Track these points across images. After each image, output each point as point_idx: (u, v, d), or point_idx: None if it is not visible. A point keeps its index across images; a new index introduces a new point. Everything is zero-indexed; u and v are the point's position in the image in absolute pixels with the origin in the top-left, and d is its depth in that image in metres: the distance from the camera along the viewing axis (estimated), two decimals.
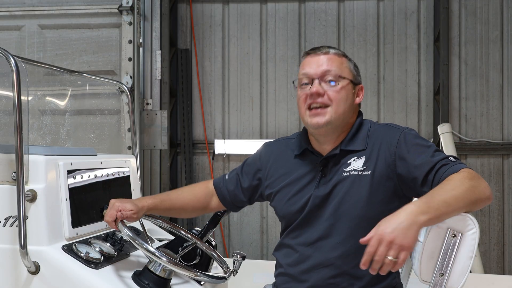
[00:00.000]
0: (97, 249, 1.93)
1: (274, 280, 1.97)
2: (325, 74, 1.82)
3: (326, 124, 1.81)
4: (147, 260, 1.90)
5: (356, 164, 1.80)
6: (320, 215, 1.82)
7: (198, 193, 2.11)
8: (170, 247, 2.13)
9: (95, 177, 2.17)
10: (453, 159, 1.71)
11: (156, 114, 4.94)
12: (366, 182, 1.77)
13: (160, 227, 2.49)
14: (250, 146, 5.15)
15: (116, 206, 1.86)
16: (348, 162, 1.81)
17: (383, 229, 1.47)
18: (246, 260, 2.05)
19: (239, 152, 5.23)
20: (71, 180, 1.99)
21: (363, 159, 1.80)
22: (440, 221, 1.57)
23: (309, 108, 1.83)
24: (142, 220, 2.05)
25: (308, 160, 1.91)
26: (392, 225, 1.47)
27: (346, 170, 1.80)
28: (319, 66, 1.83)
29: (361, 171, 1.78)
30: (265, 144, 2.10)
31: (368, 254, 1.47)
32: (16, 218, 1.78)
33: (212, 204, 2.13)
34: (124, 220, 1.86)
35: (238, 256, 2.00)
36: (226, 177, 2.12)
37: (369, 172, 1.77)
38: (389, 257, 1.45)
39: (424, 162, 1.70)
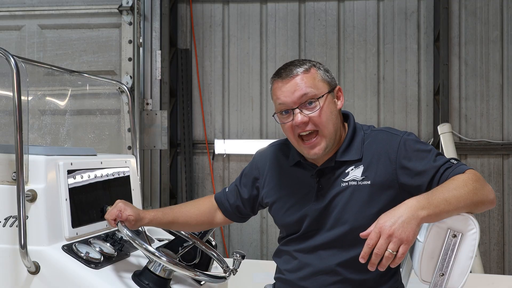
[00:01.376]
0: (97, 249, 1.93)
1: (274, 280, 1.97)
2: (302, 100, 1.74)
3: (323, 151, 1.77)
4: (147, 260, 1.90)
5: (355, 173, 1.77)
6: (321, 227, 1.80)
7: (202, 207, 2.07)
8: (170, 247, 2.13)
9: (95, 177, 2.16)
10: (455, 162, 1.70)
11: (156, 114, 4.94)
12: (366, 191, 1.74)
13: None
14: (250, 146, 5.15)
15: (119, 206, 1.87)
16: (346, 171, 1.78)
17: (382, 223, 1.49)
18: (246, 260, 2.04)
19: (239, 152, 5.23)
20: (71, 180, 1.99)
21: (361, 168, 1.77)
22: (440, 218, 1.56)
23: (300, 137, 1.77)
24: None
25: (303, 170, 1.87)
26: (391, 219, 1.49)
27: (344, 180, 1.77)
28: (293, 93, 1.73)
29: (360, 181, 1.75)
30: (259, 152, 2.05)
31: (368, 246, 1.48)
32: (16, 218, 1.78)
33: (217, 219, 2.09)
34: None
35: (238, 255, 2.00)
36: (227, 190, 2.09)
37: (369, 182, 1.74)
38: (389, 250, 1.45)
39: (427, 168, 1.69)
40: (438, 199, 1.54)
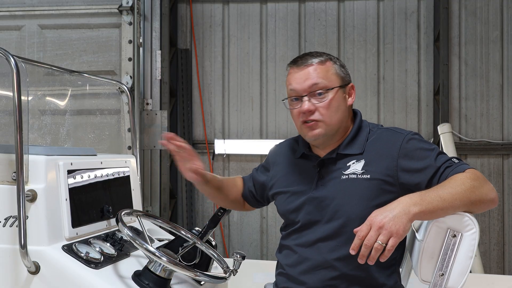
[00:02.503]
0: (97, 249, 1.93)
1: (275, 279, 1.98)
2: (312, 89, 1.81)
3: (321, 136, 1.83)
4: (147, 260, 1.90)
5: (356, 167, 1.80)
6: (320, 218, 1.82)
7: (240, 187, 2.19)
8: (170, 247, 2.13)
9: (95, 177, 2.17)
10: (456, 161, 1.71)
11: (156, 114, 4.94)
12: (365, 185, 1.77)
13: (160, 227, 2.49)
14: (250, 146, 5.16)
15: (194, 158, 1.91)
16: (348, 165, 1.82)
17: (374, 216, 1.53)
18: (246, 260, 2.05)
19: (239, 152, 5.22)
20: (71, 180, 1.99)
21: (362, 162, 1.80)
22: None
23: (304, 123, 1.85)
24: (142, 220, 2.05)
25: (307, 162, 1.93)
26: (383, 213, 1.52)
27: (345, 173, 1.81)
28: (305, 81, 1.81)
29: (360, 174, 1.78)
30: (275, 145, 2.15)
31: (358, 238, 1.52)
32: (16, 218, 1.78)
33: (246, 205, 2.22)
34: (123, 217, 1.87)
35: (238, 256, 2.00)
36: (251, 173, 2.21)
37: (368, 176, 1.77)
38: (378, 242, 1.48)
39: (427, 166, 1.71)
40: (431, 196, 1.56)
